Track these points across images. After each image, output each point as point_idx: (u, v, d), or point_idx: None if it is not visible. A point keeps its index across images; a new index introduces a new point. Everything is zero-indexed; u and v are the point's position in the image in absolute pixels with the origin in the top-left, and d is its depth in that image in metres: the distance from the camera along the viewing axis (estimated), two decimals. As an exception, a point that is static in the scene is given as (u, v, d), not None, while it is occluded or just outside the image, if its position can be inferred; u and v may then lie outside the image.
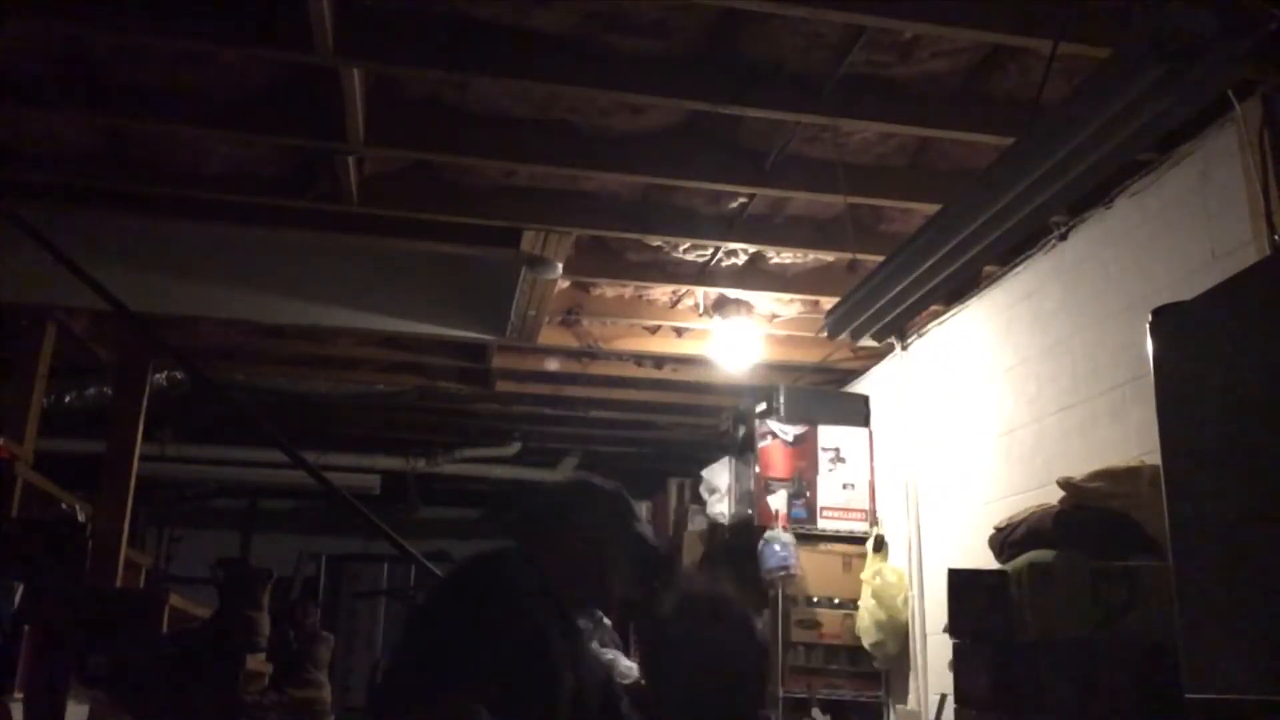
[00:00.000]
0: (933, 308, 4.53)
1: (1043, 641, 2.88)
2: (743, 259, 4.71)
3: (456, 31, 3.11)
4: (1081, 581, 2.87)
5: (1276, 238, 2.84)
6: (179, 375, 5.83)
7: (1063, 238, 3.97)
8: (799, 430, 5.47)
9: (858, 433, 5.53)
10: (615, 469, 8.23)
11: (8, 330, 4.87)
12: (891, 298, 3.50)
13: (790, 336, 5.43)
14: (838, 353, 5.45)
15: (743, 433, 5.84)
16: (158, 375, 5.66)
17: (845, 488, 5.42)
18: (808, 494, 5.37)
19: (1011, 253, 4.16)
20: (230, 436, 7.44)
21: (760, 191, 3.96)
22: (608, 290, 5.15)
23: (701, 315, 5.17)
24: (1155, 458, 2.39)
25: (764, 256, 4.68)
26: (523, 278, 4.56)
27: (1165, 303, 2.40)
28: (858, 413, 5.63)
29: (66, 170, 3.95)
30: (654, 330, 5.49)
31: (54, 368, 4.99)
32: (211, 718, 3.93)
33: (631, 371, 6.00)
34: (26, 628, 3.18)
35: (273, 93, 3.49)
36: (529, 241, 4.24)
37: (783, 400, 5.56)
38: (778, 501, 5.32)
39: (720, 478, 5.93)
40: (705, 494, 6.14)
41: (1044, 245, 4.08)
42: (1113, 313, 3.67)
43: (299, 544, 9.08)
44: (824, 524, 5.33)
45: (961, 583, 3.24)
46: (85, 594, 3.69)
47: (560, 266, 4.42)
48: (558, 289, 4.82)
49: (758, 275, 4.77)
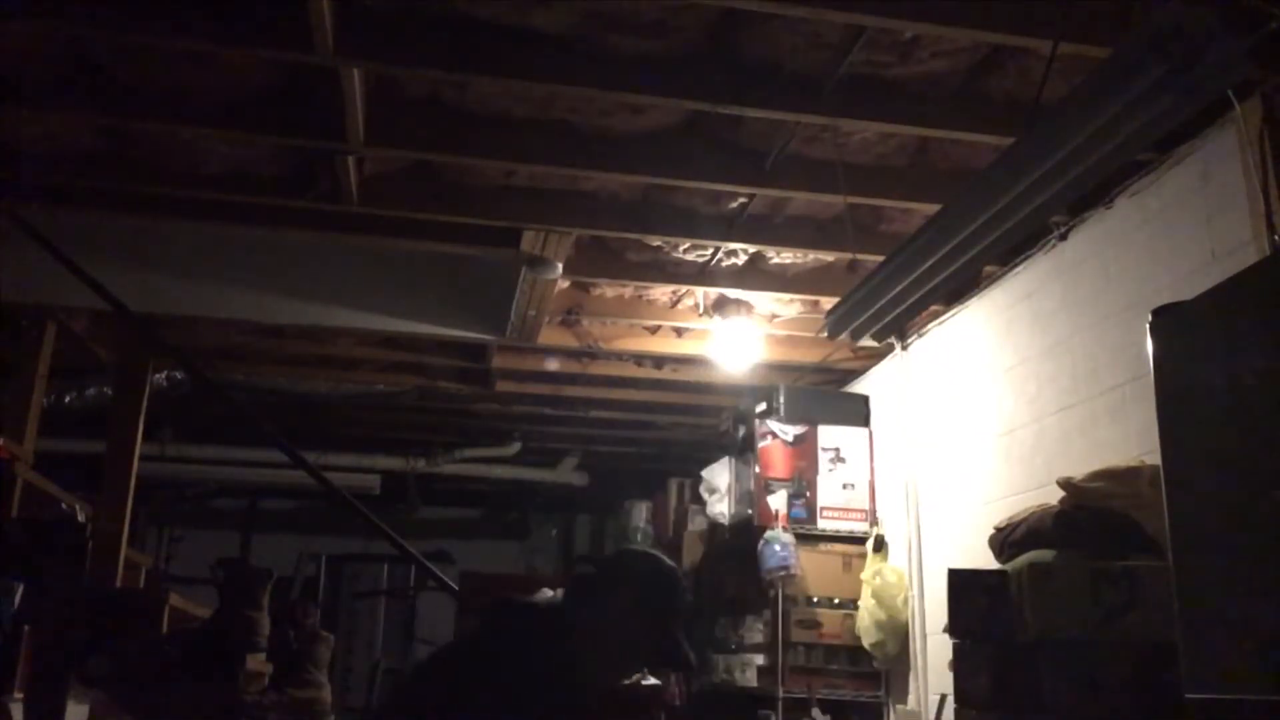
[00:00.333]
0: (933, 308, 4.53)
1: (1043, 641, 2.87)
2: (743, 259, 4.71)
3: (456, 31, 3.11)
4: (1081, 581, 2.87)
5: (1276, 238, 2.84)
6: (179, 375, 5.83)
7: (1063, 238, 3.97)
8: (799, 430, 5.47)
9: (858, 433, 5.53)
10: (615, 469, 8.26)
11: (8, 330, 4.87)
12: (891, 298, 3.50)
13: (790, 336, 5.43)
14: (838, 353, 5.45)
15: (743, 433, 5.84)
16: (158, 375, 5.66)
17: (845, 488, 5.42)
18: (808, 494, 5.37)
19: (1011, 253, 4.16)
20: (230, 436, 7.44)
21: (760, 191, 3.96)
22: (608, 290, 5.15)
23: (701, 315, 5.17)
24: (1155, 458, 2.39)
25: (764, 256, 4.68)
26: (523, 278, 4.56)
27: (1165, 303, 2.40)
28: (858, 413, 5.63)
29: (66, 170, 3.95)
30: (654, 330, 5.49)
31: (54, 368, 4.98)
32: (211, 718, 3.92)
33: (631, 371, 6.00)
34: (26, 628, 3.18)
35: (273, 93, 3.49)
36: (529, 241, 4.24)
37: (783, 400, 5.56)
38: (778, 501, 5.32)
39: (720, 478, 5.93)
40: (705, 494, 6.14)
41: (1044, 245, 4.08)
42: (1113, 313, 3.67)
43: (299, 544, 9.08)
44: (824, 524, 5.33)
45: (961, 583, 3.24)
46: (85, 594, 3.68)
47: (560, 266, 4.42)
48: (558, 289, 4.82)
49: (758, 275, 4.77)
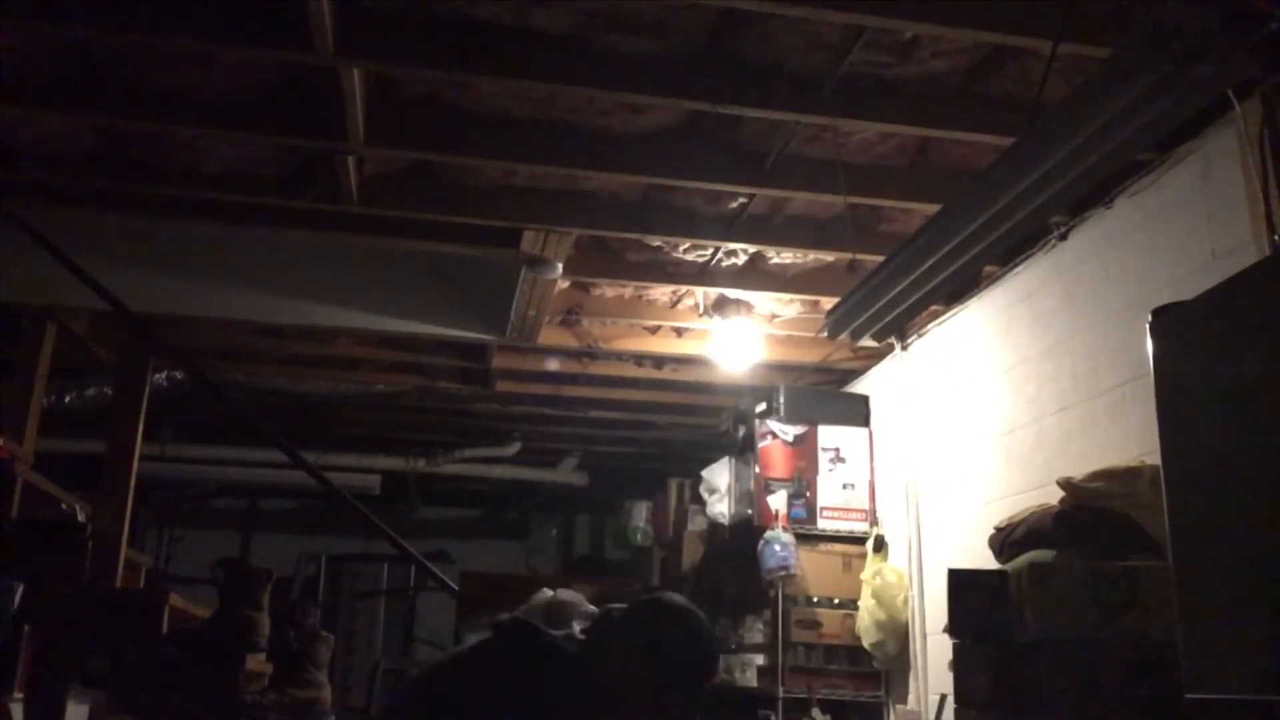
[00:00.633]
0: (933, 308, 4.53)
1: (1043, 641, 2.87)
2: (743, 259, 4.71)
3: (456, 31, 3.11)
4: (1081, 581, 2.86)
5: (1276, 238, 2.84)
6: (179, 375, 5.83)
7: (1063, 238, 3.97)
8: (799, 430, 5.47)
9: (858, 433, 5.53)
10: (615, 469, 8.26)
11: (8, 330, 4.87)
12: (891, 298, 3.51)
13: (790, 336, 5.43)
14: (838, 353, 5.45)
15: (743, 433, 5.84)
16: (158, 375, 5.66)
17: (845, 488, 5.41)
18: (808, 494, 5.37)
19: (1011, 253, 4.16)
20: (230, 436, 7.44)
21: (760, 191, 3.95)
22: (608, 290, 5.15)
23: (701, 315, 5.17)
24: (1155, 458, 2.39)
25: (764, 256, 4.67)
26: (523, 278, 4.56)
27: (1165, 303, 2.40)
28: (858, 413, 5.63)
29: (66, 170, 3.94)
30: (654, 330, 5.49)
31: (54, 368, 4.98)
32: (211, 718, 3.92)
33: (631, 371, 6.00)
34: (26, 628, 3.18)
35: (273, 93, 3.49)
36: (529, 241, 4.24)
37: (783, 400, 5.56)
38: (778, 501, 5.32)
39: (720, 478, 5.93)
40: (705, 494, 6.13)
41: (1044, 245, 4.08)
42: (1113, 313, 3.67)
43: (299, 544, 9.08)
44: (824, 524, 5.33)
45: (961, 583, 3.23)
46: (85, 594, 3.69)
47: (560, 266, 4.42)
48: (558, 289, 4.82)
49: (758, 275, 4.77)
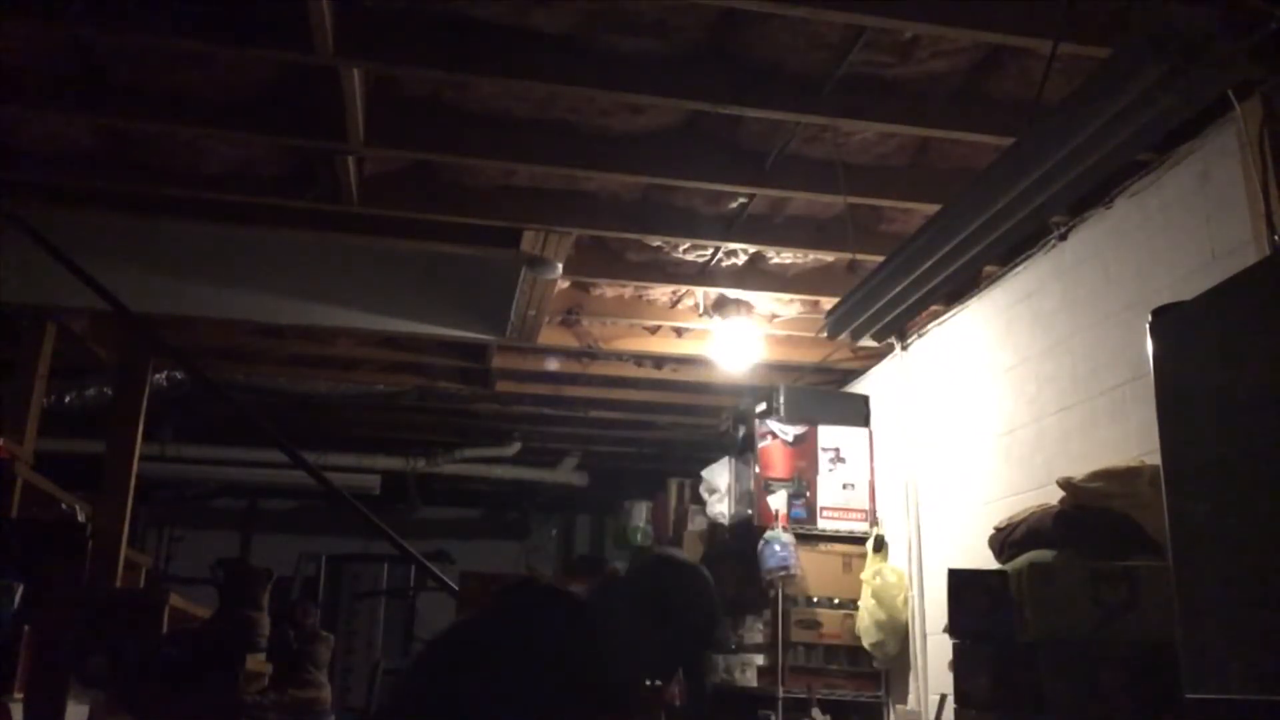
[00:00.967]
0: (933, 308, 4.53)
1: (1043, 641, 2.87)
2: (743, 259, 4.71)
3: (456, 31, 3.11)
4: (1081, 581, 2.86)
5: (1276, 238, 2.84)
6: (179, 375, 5.83)
7: (1063, 238, 3.97)
8: (799, 430, 5.47)
9: (858, 433, 5.53)
10: (615, 469, 8.26)
11: (8, 330, 4.87)
12: (891, 298, 3.51)
13: (790, 336, 5.43)
14: (838, 353, 5.45)
15: (743, 433, 5.84)
16: (158, 375, 5.66)
17: (845, 488, 5.42)
18: (808, 494, 5.37)
19: (1011, 253, 4.16)
20: (230, 436, 7.44)
21: (760, 191, 3.95)
22: (608, 290, 5.15)
23: (701, 315, 5.17)
24: (1155, 458, 2.39)
25: (764, 256, 4.67)
26: (523, 278, 4.56)
27: (1165, 303, 2.40)
28: (858, 413, 5.63)
29: (66, 170, 3.94)
30: (654, 330, 5.49)
31: (54, 368, 4.98)
32: (211, 718, 3.92)
33: (631, 371, 6.00)
34: (26, 628, 3.18)
35: (273, 93, 3.49)
36: (529, 241, 4.24)
37: (783, 400, 5.56)
38: (778, 501, 5.32)
39: (720, 478, 5.93)
40: (705, 494, 6.14)
41: (1044, 245, 4.08)
42: (1113, 313, 3.67)
43: (299, 544, 9.08)
44: (824, 524, 5.33)
45: (961, 583, 3.24)
46: (85, 594, 3.68)
47: (560, 266, 4.42)
48: (558, 289, 4.82)
49: (758, 275, 4.77)
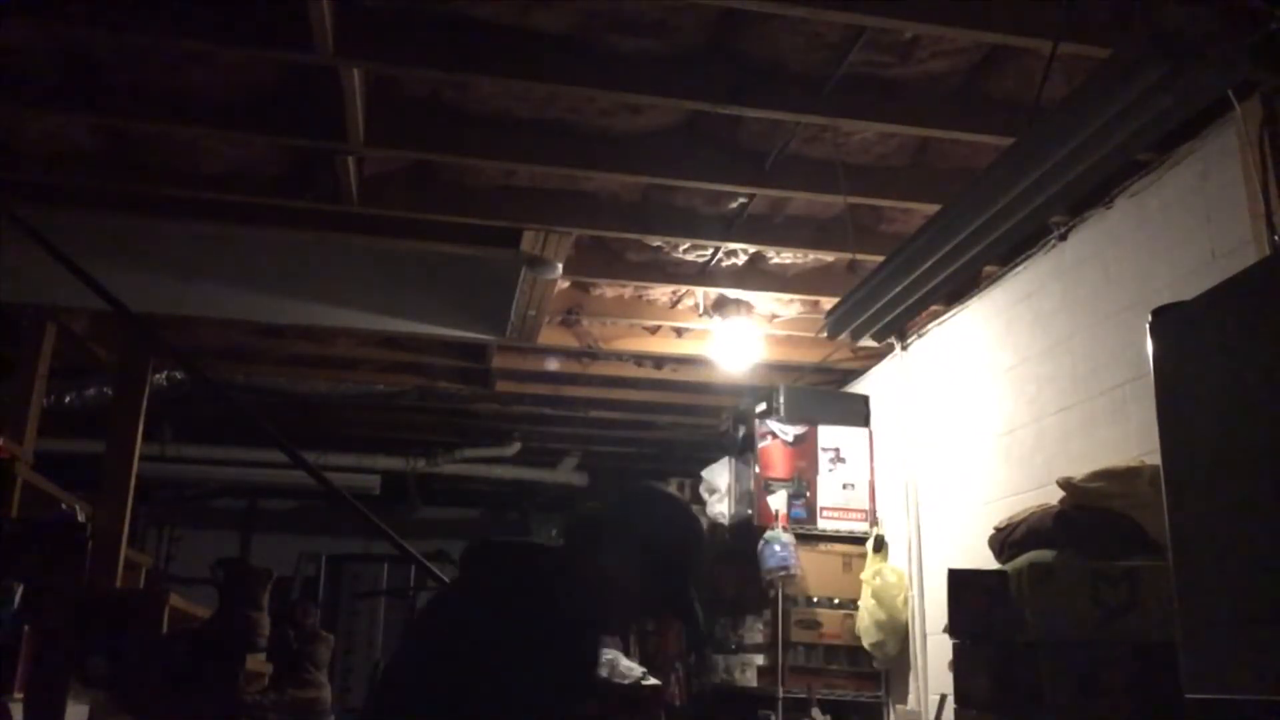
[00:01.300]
0: (933, 308, 4.53)
1: (1043, 641, 2.87)
2: (743, 259, 4.71)
3: (456, 31, 3.11)
4: (1081, 581, 2.87)
5: (1276, 238, 2.84)
6: (179, 375, 5.83)
7: (1063, 238, 3.97)
8: (799, 430, 5.47)
9: (858, 433, 5.53)
10: (615, 469, 8.26)
11: (8, 330, 4.86)
12: (891, 298, 3.51)
13: (790, 336, 5.43)
14: (838, 353, 5.45)
15: (743, 433, 5.84)
16: (158, 375, 5.65)
17: (845, 488, 5.42)
18: (808, 494, 5.37)
19: (1011, 253, 4.16)
20: (230, 436, 7.44)
21: (760, 191, 3.95)
22: (608, 290, 5.15)
23: (701, 315, 5.17)
24: (1155, 458, 2.39)
25: (764, 256, 4.67)
26: (523, 278, 4.56)
27: (1165, 303, 2.39)
28: (858, 413, 5.63)
29: (66, 170, 3.94)
30: (654, 330, 5.49)
31: (54, 368, 4.98)
32: (211, 718, 3.92)
33: (631, 371, 6.00)
34: (26, 628, 3.18)
35: (273, 93, 3.49)
36: (529, 241, 4.24)
37: (783, 400, 5.56)
38: (778, 501, 5.32)
39: (720, 478, 5.93)
40: (705, 494, 6.13)
41: (1044, 245, 4.08)
42: (1113, 313, 3.68)
43: (299, 544, 9.08)
44: (824, 524, 5.34)
45: (961, 583, 3.24)
46: (85, 594, 3.68)
47: (560, 266, 4.42)
48: (558, 289, 4.82)
49: (758, 275, 4.77)
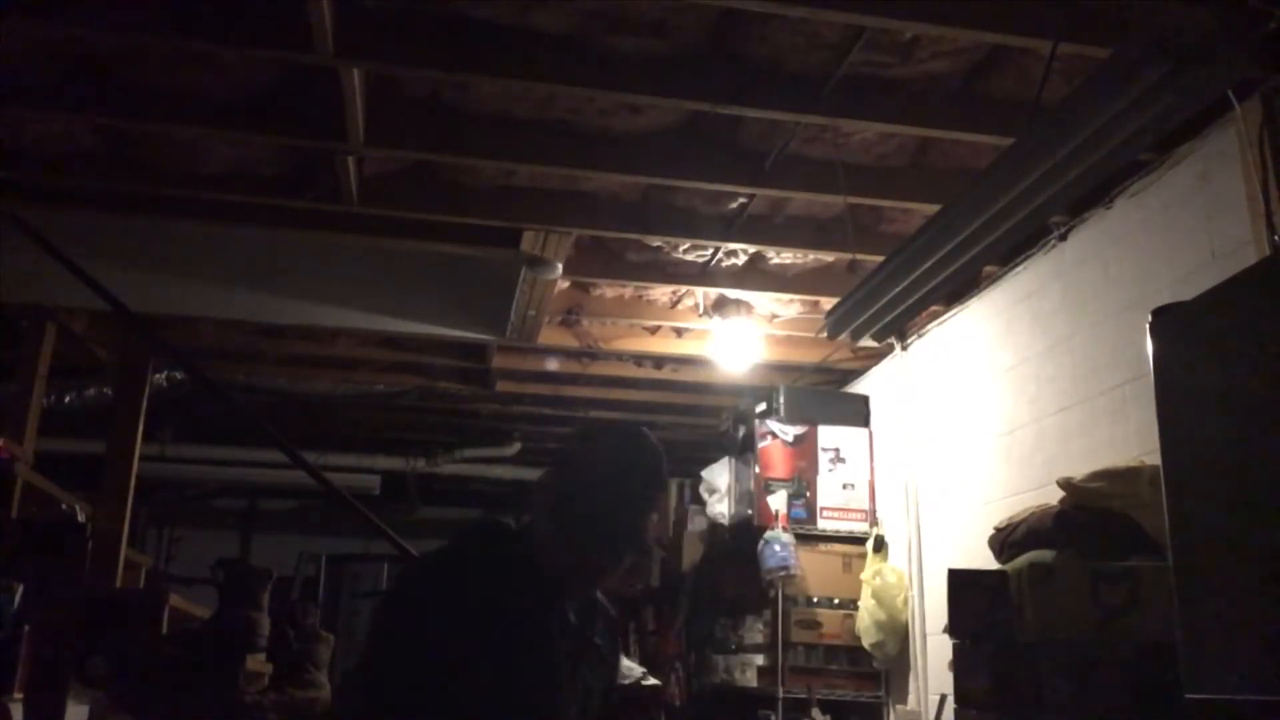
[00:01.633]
0: (933, 308, 4.53)
1: (1043, 641, 2.87)
2: (743, 259, 4.71)
3: (456, 31, 3.11)
4: (1081, 581, 2.87)
5: (1276, 238, 2.84)
6: (179, 375, 5.83)
7: (1063, 238, 3.97)
8: (799, 430, 5.47)
9: (858, 433, 5.53)
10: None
11: (8, 330, 4.86)
12: (891, 298, 3.51)
13: (790, 336, 5.43)
14: (838, 353, 5.45)
15: (743, 433, 5.84)
16: (158, 375, 5.65)
17: (845, 488, 5.41)
18: (808, 494, 5.37)
19: (1011, 253, 4.16)
20: (230, 436, 7.44)
21: (760, 191, 3.95)
22: (608, 290, 5.15)
23: (701, 315, 5.17)
24: (1155, 458, 2.39)
25: (764, 256, 4.67)
26: (523, 278, 4.56)
27: (1165, 303, 2.40)
28: (858, 413, 5.63)
29: (67, 170, 3.94)
30: (654, 330, 5.49)
31: (54, 368, 4.98)
32: (211, 718, 3.92)
33: (631, 371, 6.00)
34: (26, 628, 3.18)
35: (273, 93, 3.49)
36: (529, 241, 4.24)
37: (782, 400, 5.56)
38: (778, 501, 5.31)
39: (720, 478, 5.92)
40: (705, 494, 6.13)
41: (1044, 245, 4.08)
42: (1113, 313, 3.67)
43: (299, 544, 9.08)
44: (824, 524, 5.33)
45: (961, 583, 3.24)
46: (85, 594, 3.68)
47: (560, 266, 4.42)
48: (558, 289, 4.82)
49: (758, 275, 4.77)
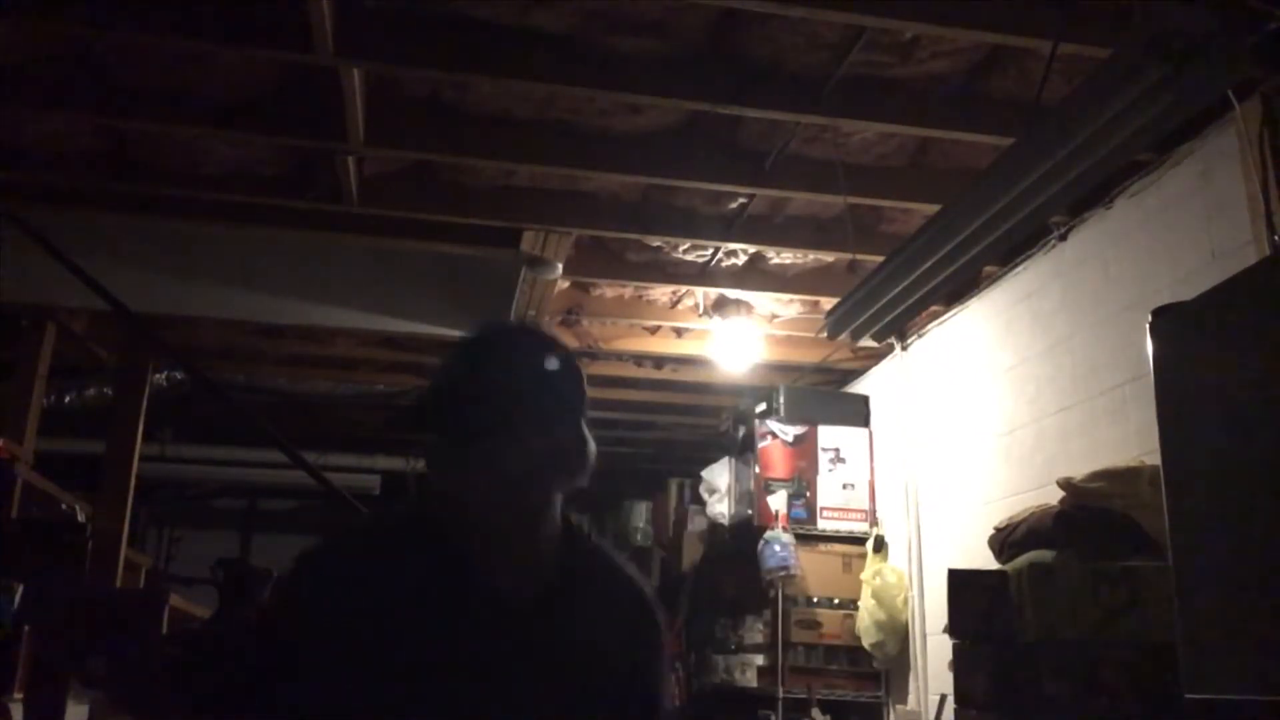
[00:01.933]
0: (933, 308, 4.53)
1: (1043, 641, 2.87)
2: (743, 259, 4.71)
3: (456, 31, 3.11)
4: (1081, 581, 2.87)
5: (1276, 238, 2.84)
6: (179, 375, 5.83)
7: (1063, 238, 3.97)
8: (799, 430, 5.47)
9: (858, 433, 5.53)
10: (615, 469, 8.25)
11: (8, 330, 4.86)
12: (891, 298, 3.51)
13: (790, 336, 5.43)
14: (838, 353, 5.44)
15: (743, 433, 5.84)
16: (158, 375, 5.66)
17: (845, 488, 5.41)
18: (808, 494, 5.37)
19: (1011, 253, 4.16)
20: (230, 436, 7.44)
21: (760, 191, 3.95)
22: (608, 290, 5.15)
23: (701, 315, 5.16)
24: (1155, 458, 2.39)
25: (764, 256, 4.67)
26: (523, 278, 4.56)
27: (1165, 303, 2.40)
28: (858, 413, 5.63)
29: (67, 170, 3.95)
30: (654, 330, 5.48)
31: (54, 368, 4.98)
32: (211, 718, 3.92)
33: (631, 371, 6.00)
34: (26, 628, 3.18)
35: (273, 93, 3.49)
36: (529, 241, 4.24)
37: (783, 400, 5.56)
38: (778, 501, 5.31)
39: (720, 478, 5.92)
40: (705, 494, 6.13)
41: (1044, 245, 4.08)
42: (1113, 313, 3.67)
43: (299, 544, 9.03)
44: (824, 524, 5.33)
45: (961, 583, 3.24)
46: (85, 594, 3.68)
47: (560, 266, 4.42)
48: (558, 289, 4.82)
49: (758, 275, 4.77)
